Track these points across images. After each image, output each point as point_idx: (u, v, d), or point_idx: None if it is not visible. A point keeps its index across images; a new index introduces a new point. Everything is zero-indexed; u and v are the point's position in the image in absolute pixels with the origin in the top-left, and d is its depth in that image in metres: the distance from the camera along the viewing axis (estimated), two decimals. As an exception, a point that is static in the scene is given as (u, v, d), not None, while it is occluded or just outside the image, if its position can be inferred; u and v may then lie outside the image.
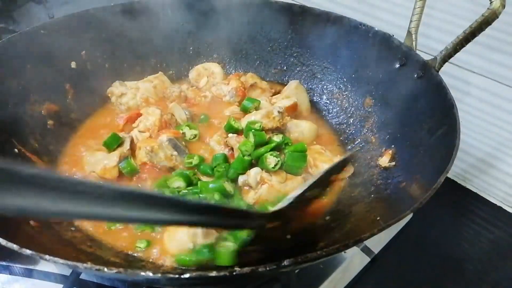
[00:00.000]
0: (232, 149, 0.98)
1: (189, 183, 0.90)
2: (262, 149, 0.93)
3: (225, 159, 0.94)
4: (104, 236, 0.83)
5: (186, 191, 0.88)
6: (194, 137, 1.02)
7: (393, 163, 0.92)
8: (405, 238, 1.02)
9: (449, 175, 1.22)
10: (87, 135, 1.06)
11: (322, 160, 0.97)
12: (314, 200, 0.78)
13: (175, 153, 0.94)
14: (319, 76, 1.20)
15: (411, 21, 0.96)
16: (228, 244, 0.75)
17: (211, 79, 1.22)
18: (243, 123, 1.01)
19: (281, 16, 1.21)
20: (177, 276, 0.52)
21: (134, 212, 0.48)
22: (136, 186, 0.92)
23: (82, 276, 0.88)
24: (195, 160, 0.94)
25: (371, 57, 1.07)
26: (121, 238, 0.83)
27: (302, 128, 1.05)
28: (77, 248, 0.76)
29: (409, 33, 0.97)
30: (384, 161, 0.94)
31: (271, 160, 0.92)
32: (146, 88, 1.13)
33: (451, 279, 0.97)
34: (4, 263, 0.90)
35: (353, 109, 1.11)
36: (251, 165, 0.93)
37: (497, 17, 0.77)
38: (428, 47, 1.08)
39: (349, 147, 1.06)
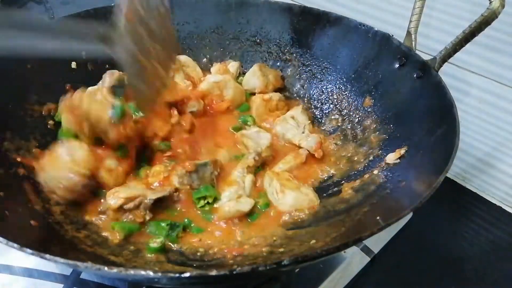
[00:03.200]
0: None
1: None
2: None
3: None
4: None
5: None
6: None
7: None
8: (405, 238, 1.02)
9: (449, 175, 1.23)
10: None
11: (290, 188, 0.90)
12: None
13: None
14: (318, 76, 1.20)
15: (410, 21, 0.96)
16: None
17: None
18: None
19: (281, 16, 1.21)
20: (177, 275, 0.52)
21: None
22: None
23: (83, 276, 0.88)
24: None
25: (371, 57, 1.07)
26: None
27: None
28: (78, 248, 0.76)
29: (408, 33, 0.97)
30: (391, 158, 0.93)
31: None
32: None
33: (451, 279, 0.97)
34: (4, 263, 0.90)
35: (352, 108, 1.11)
36: None
37: (497, 17, 0.77)
38: (428, 47, 1.08)
39: (348, 146, 1.07)
